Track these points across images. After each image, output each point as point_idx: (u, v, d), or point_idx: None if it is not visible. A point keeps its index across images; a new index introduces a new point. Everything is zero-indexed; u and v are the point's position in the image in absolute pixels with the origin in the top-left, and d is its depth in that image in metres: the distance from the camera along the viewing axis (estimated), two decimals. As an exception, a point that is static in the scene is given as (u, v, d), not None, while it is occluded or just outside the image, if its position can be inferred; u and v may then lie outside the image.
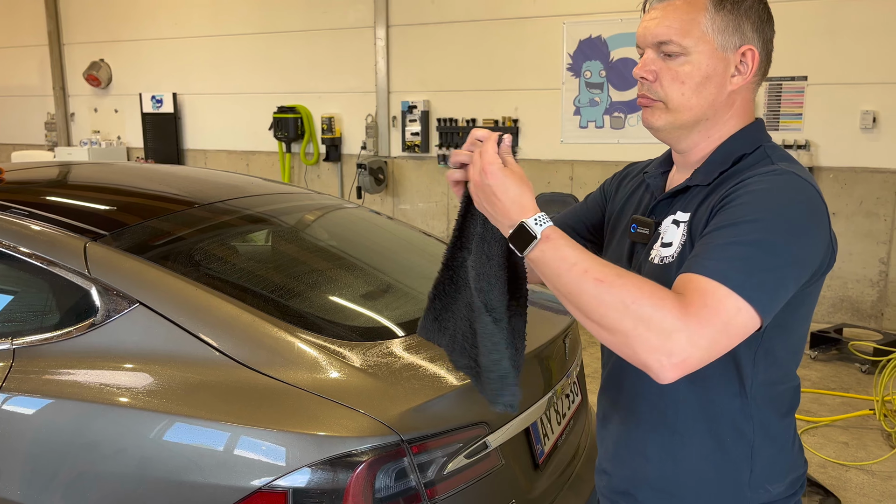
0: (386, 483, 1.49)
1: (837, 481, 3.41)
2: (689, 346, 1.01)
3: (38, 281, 1.81)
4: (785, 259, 1.07)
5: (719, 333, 1.03)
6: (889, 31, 5.47)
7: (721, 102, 1.22)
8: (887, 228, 5.68)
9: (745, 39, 1.19)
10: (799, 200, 1.11)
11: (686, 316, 1.02)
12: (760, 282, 1.05)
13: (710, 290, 1.04)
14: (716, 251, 1.07)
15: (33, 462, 1.65)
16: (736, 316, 1.03)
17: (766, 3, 1.24)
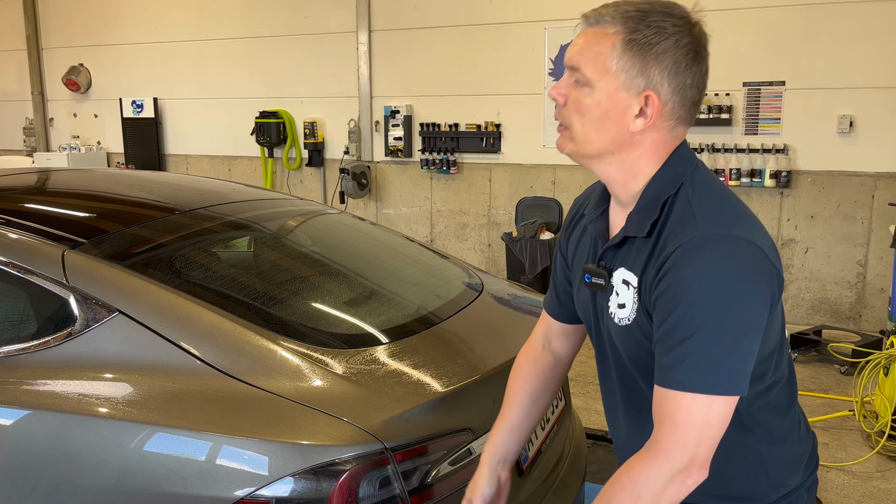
0: (370, 491, 1.49)
1: (819, 482, 3.44)
2: (686, 459, 1.11)
3: (15, 290, 1.79)
4: (739, 334, 1.11)
5: (702, 433, 1.11)
6: (865, 37, 5.56)
7: (624, 142, 1.18)
8: (864, 231, 5.76)
9: (650, 84, 1.14)
10: (723, 267, 1.10)
11: (664, 455, 1.11)
12: (721, 370, 1.10)
13: (674, 407, 1.11)
14: (676, 360, 1.11)
15: (11, 475, 1.63)
16: (709, 411, 1.10)
17: (694, 48, 1.16)
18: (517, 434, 1.49)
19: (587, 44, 1.17)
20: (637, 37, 1.13)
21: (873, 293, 5.79)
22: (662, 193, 1.19)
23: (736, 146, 6.01)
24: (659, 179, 1.19)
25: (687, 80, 1.15)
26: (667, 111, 1.16)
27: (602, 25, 1.16)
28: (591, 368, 5.01)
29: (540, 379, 1.51)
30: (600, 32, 1.16)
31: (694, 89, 1.17)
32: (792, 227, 5.98)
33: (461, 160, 7.10)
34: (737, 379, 1.11)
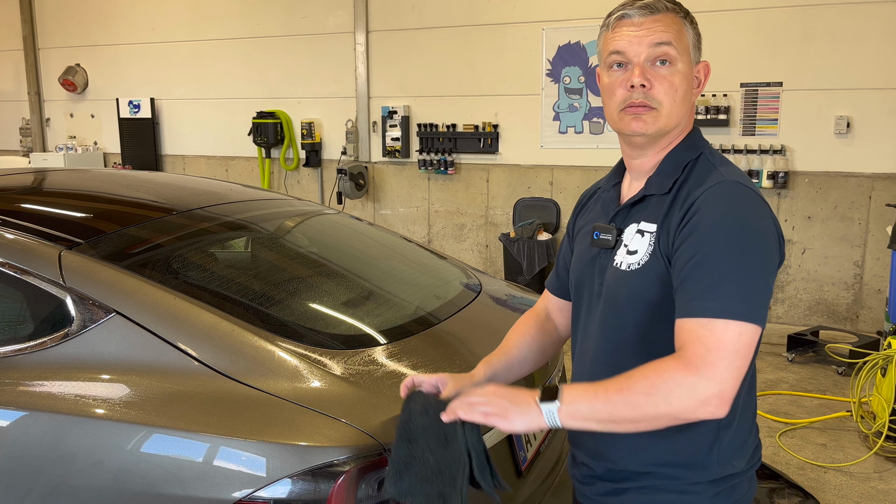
0: (368, 493, 1.48)
1: (816, 483, 3.45)
2: (715, 385, 1.14)
3: (12, 290, 1.78)
4: (760, 269, 1.20)
5: (733, 361, 1.15)
6: (863, 38, 5.57)
7: (690, 111, 1.37)
8: (862, 232, 5.77)
9: (700, 55, 1.38)
10: (748, 210, 1.24)
11: (694, 368, 1.15)
12: (749, 300, 1.17)
13: (705, 333, 1.16)
14: (707, 290, 1.18)
15: (7, 476, 1.62)
16: (739, 339, 1.16)
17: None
18: (509, 370, 1.54)
19: (664, 24, 1.31)
20: (690, 18, 1.36)
21: (870, 294, 5.80)
22: (684, 158, 1.35)
23: (733, 147, 6.02)
24: (684, 145, 1.37)
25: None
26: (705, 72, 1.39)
27: (664, 13, 1.32)
28: (589, 369, 5.00)
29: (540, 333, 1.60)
30: (669, 17, 1.32)
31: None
32: (789, 227, 5.99)
33: (459, 161, 7.09)
34: (763, 311, 1.19)
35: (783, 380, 4.80)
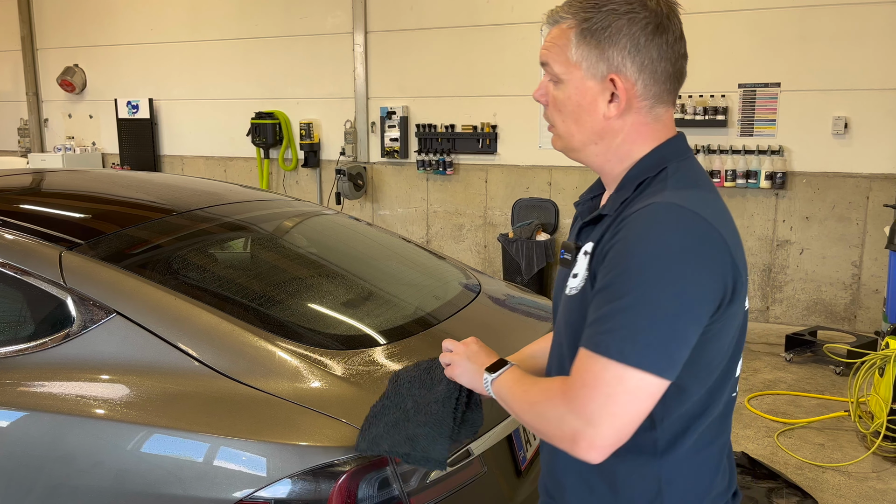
0: (369, 493, 1.48)
1: (814, 483, 3.46)
2: (583, 424, 1.03)
3: (12, 291, 1.78)
4: (671, 312, 1.02)
5: (606, 405, 1.02)
6: (860, 38, 5.58)
7: (604, 129, 1.17)
8: (859, 232, 5.78)
9: (612, 67, 1.13)
10: (670, 237, 1.04)
11: (567, 399, 1.05)
12: (646, 343, 1.01)
13: (587, 365, 1.05)
14: (599, 320, 1.05)
15: (7, 476, 1.62)
16: (619, 384, 1.01)
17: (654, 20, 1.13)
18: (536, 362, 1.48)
19: (550, 41, 1.19)
20: (589, 24, 1.13)
21: (868, 294, 5.81)
22: (642, 175, 1.17)
23: (731, 147, 6.03)
24: (643, 162, 1.18)
25: (652, 54, 1.13)
26: (639, 90, 1.15)
27: (560, 22, 1.17)
28: (588, 369, 5.01)
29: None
30: (559, 29, 1.18)
31: (664, 62, 1.14)
32: (787, 228, 6.00)
33: (457, 161, 7.10)
34: (657, 357, 1.01)
35: (781, 380, 4.81)
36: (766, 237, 6.07)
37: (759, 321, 6.19)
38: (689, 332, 1.05)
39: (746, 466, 3.60)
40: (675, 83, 1.17)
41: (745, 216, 6.11)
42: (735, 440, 3.91)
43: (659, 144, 1.18)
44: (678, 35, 1.15)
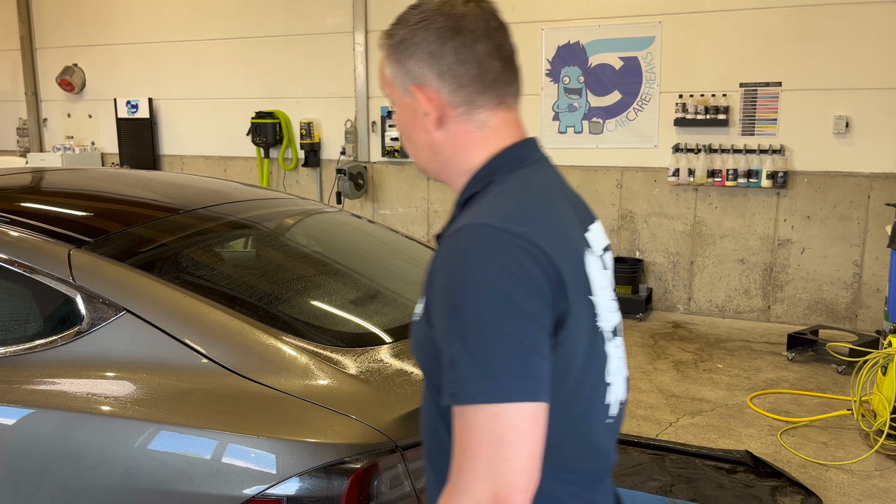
0: (380, 490, 1.48)
1: (818, 481, 3.46)
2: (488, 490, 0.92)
3: (22, 289, 1.78)
4: (510, 333, 0.94)
5: (495, 453, 0.92)
6: (861, 38, 5.59)
7: (433, 145, 1.13)
8: (860, 231, 5.79)
9: (414, 79, 1.10)
10: (486, 265, 0.96)
11: (455, 489, 0.94)
12: (502, 372, 0.93)
13: (459, 425, 0.95)
14: (448, 368, 0.96)
15: (17, 473, 1.62)
16: (497, 423, 0.92)
17: (450, 24, 1.08)
18: None
19: (380, 68, 1.17)
20: (392, 41, 1.11)
21: (869, 293, 5.82)
22: (469, 191, 1.12)
23: (733, 147, 6.03)
24: (475, 177, 1.12)
25: (449, 58, 1.08)
26: (446, 99, 1.09)
27: (382, 47, 1.15)
28: (590, 368, 5.01)
29: None
30: (382, 53, 1.15)
31: (467, 65, 1.08)
32: (788, 227, 6.01)
33: (458, 161, 7.09)
34: (516, 381, 0.93)
35: (783, 379, 4.81)
36: (768, 236, 6.08)
37: (761, 320, 6.20)
38: (536, 340, 0.95)
39: (750, 465, 3.60)
40: (485, 85, 1.09)
41: (747, 215, 6.12)
42: (738, 439, 3.91)
43: (493, 155, 1.12)
44: (480, 34, 1.09)
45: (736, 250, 6.20)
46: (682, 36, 6.07)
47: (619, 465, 3.60)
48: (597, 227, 1.19)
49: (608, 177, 6.54)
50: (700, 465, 3.62)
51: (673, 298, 6.49)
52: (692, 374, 4.92)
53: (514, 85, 1.13)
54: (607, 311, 1.11)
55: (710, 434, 3.97)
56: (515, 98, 1.15)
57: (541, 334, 0.96)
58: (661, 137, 6.29)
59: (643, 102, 6.32)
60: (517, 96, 1.15)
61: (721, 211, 6.20)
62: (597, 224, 1.20)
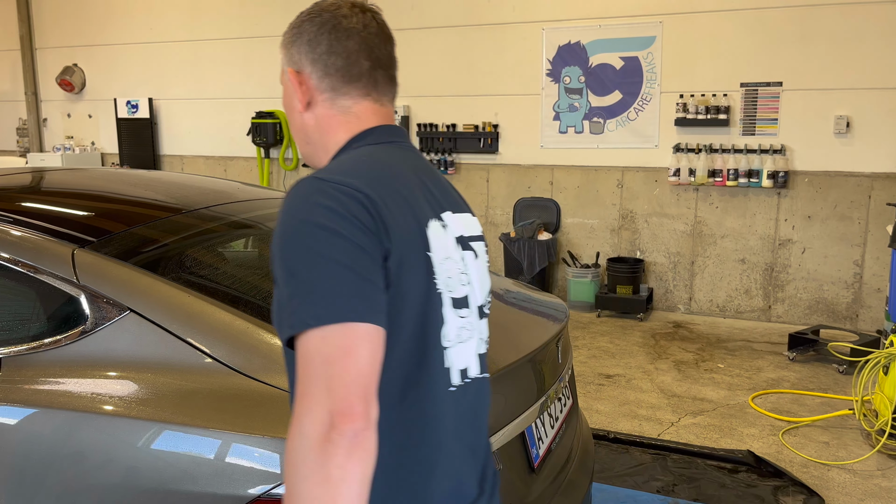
0: (386, 490, 1.48)
1: (820, 481, 3.46)
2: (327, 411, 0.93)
3: (25, 289, 1.77)
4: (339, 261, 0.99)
5: (327, 372, 0.95)
6: (862, 38, 5.59)
7: (303, 125, 1.24)
8: (861, 231, 5.79)
9: (293, 63, 1.23)
10: (311, 202, 1.03)
11: (297, 418, 0.95)
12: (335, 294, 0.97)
13: (297, 357, 0.98)
14: (284, 302, 1.00)
15: (20, 473, 1.61)
16: (325, 343, 0.96)
17: (328, 21, 1.21)
18: None
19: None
20: (286, 32, 1.26)
21: (870, 293, 5.82)
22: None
23: (733, 146, 6.04)
24: (335, 155, 1.22)
25: (322, 48, 1.21)
26: (315, 83, 1.22)
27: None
28: (591, 368, 5.01)
29: None
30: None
31: (335, 56, 1.20)
32: (789, 227, 6.01)
33: (459, 160, 7.10)
34: (345, 302, 0.97)
35: (784, 378, 4.81)
36: (769, 236, 6.08)
37: (762, 320, 6.20)
38: (369, 273, 1.00)
39: (752, 465, 3.60)
40: (350, 77, 1.21)
41: (748, 215, 6.12)
42: (740, 438, 3.91)
43: (354, 135, 1.22)
44: (355, 33, 1.20)
45: (737, 250, 6.20)
46: (683, 36, 6.08)
47: (621, 465, 3.60)
48: (464, 217, 1.26)
49: (609, 177, 6.54)
50: (702, 464, 3.62)
51: (674, 298, 6.49)
52: (693, 374, 4.92)
53: (386, 88, 1.25)
54: (459, 282, 1.16)
55: (711, 434, 3.97)
56: (389, 100, 1.26)
57: (371, 263, 1.01)
58: (661, 137, 6.29)
59: (644, 102, 6.32)
60: (391, 100, 1.27)
61: (722, 211, 6.20)
62: (466, 215, 1.27)
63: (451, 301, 1.15)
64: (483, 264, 1.27)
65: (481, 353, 1.24)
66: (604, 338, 5.74)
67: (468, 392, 1.20)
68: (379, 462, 1.03)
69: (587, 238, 6.71)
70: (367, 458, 0.95)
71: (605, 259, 6.51)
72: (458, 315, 1.16)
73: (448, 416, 1.16)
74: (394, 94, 1.28)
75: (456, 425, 1.18)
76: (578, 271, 6.50)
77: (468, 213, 1.29)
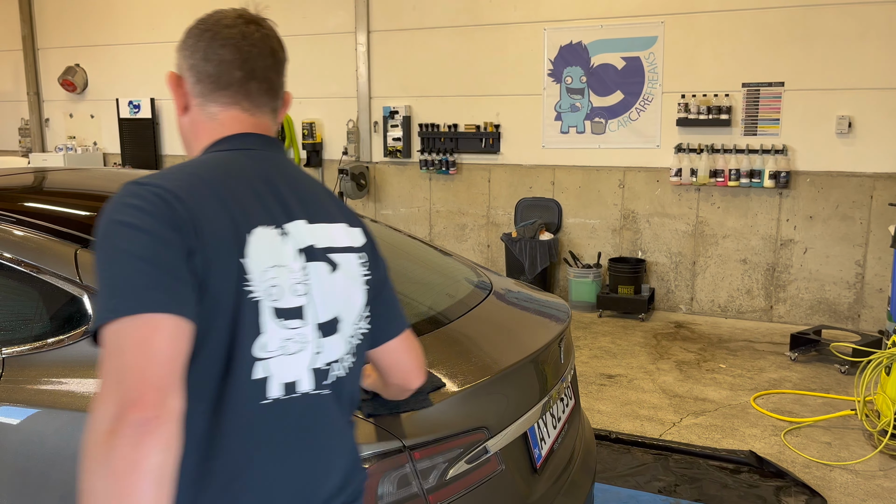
0: (388, 490, 1.48)
1: (822, 481, 3.46)
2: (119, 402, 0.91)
3: (28, 289, 1.77)
4: (139, 255, 0.99)
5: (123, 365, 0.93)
6: (864, 38, 5.59)
7: (182, 128, 1.30)
8: (863, 231, 5.78)
9: (176, 67, 1.29)
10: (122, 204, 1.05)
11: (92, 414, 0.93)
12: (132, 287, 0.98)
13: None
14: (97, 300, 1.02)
15: (23, 473, 1.61)
16: (122, 336, 0.95)
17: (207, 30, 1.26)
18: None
19: None
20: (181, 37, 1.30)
21: (872, 293, 5.82)
22: None
23: (735, 147, 6.03)
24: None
25: (198, 55, 1.25)
26: (189, 88, 1.26)
27: None
28: (592, 368, 5.01)
29: None
30: None
31: (208, 64, 1.23)
32: (791, 227, 6.00)
33: (460, 161, 7.10)
34: (141, 294, 0.97)
35: (786, 379, 4.81)
36: (770, 236, 6.08)
37: (763, 320, 6.20)
38: (171, 266, 1.00)
39: (754, 465, 3.60)
40: (219, 85, 1.23)
41: (749, 215, 6.12)
42: (742, 439, 3.91)
43: (214, 141, 1.24)
44: (231, 45, 1.23)
45: (738, 250, 6.20)
46: (685, 36, 6.07)
47: (623, 466, 3.60)
48: (331, 227, 1.23)
49: (610, 177, 6.54)
50: (704, 465, 3.62)
51: (675, 298, 6.49)
52: (695, 374, 4.91)
53: (262, 99, 1.26)
54: (290, 292, 1.12)
55: (713, 434, 3.97)
56: (265, 111, 1.27)
57: (175, 257, 1.01)
58: (663, 137, 6.29)
59: (645, 102, 6.32)
60: (270, 111, 1.28)
61: (723, 211, 6.20)
62: (335, 226, 1.24)
63: (272, 311, 1.10)
64: (348, 279, 1.22)
65: (317, 367, 1.16)
66: (605, 338, 5.74)
67: (294, 407, 1.13)
68: (184, 469, 1.01)
69: (589, 238, 6.71)
70: (161, 449, 0.90)
71: (607, 259, 6.51)
72: (284, 326, 1.11)
73: (261, 431, 1.10)
74: (274, 106, 1.29)
75: (275, 442, 1.12)
76: (580, 271, 6.50)
77: (342, 224, 1.25)
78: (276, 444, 1.12)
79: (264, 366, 1.10)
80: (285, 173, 1.24)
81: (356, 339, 1.25)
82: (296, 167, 1.30)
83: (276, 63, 1.29)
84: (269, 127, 1.29)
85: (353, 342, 1.24)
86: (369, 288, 1.28)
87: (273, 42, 1.30)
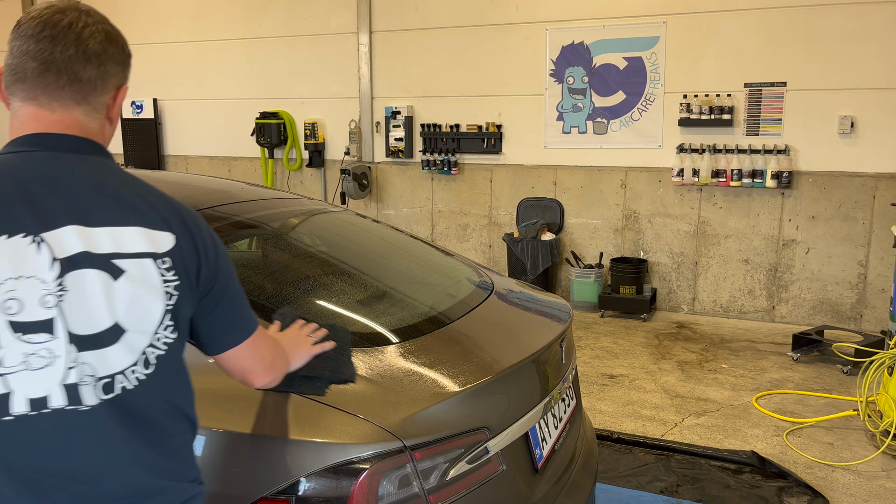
0: (389, 490, 1.48)
1: (824, 482, 3.45)
2: None
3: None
4: None
5: None
6: (866, 38, 5.58)
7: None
8: (865, 231, 5.78)
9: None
10: None
11: None
12: None
13: None
14: None
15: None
16: None
17: (23, 28, 1.20)
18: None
19: None
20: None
21: (874, 293, 5.81)
22: None
23: (737, 147, 6.03)
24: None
25: (9, 47, 1.22)
26: (3, 83, 1.22)
27: None
28: (594, 369, 5.01)
29: None
30: None
31: (13, 57, 1.20)
32: (793, 227, 6.00)
33: (462, 161, 7.10)
34: None
35: (789, 379, 4.80)
36: (772, 236, 6.07)
37: (765, 320, 6.19)
38: None
39: (756, 465, 3.59)
40: (17, 79, 1.19)
41: (751, 215, 6.11)
42: (744, 439, 3.90)
43: (10, 141, 1.21)
44: (29, 37, 1.18)
45: (740, 250, 6.19)
46: (687, 36, 6.07)
47: (625, 466, 3.60)
48: (119, 231, 1.15)
49: (612, 177, 6.54)
50: (706, 465, 3.61)
51: (677, 298, 6.49)
52: (697, 375, 4.91)
53: (60, 92, 1.19)
54: (35, 304, 1.08)
55: (715, 434, 3.97)
56: (65, 105, 1.20)
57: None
58: (665, 138, 6.28)
59: (647, 103, 6.31)
60: (70, 105, 1.20)
61: (725, 211, 6.19)
62: (123, 229, 1.16)
63: (8, 324, 1.06)
64: (137, 286, 1.15)
65: (72, 383, 1.09)
66: (607, 338, 5.74)
67: (42, 424, 1.08)
68: None
69: (590, 238, 6.71)
70: None
71: (609, 259, 6.50)
72: (25, 340, 1.07)
73: (3, 448, 1.07)
74: (76, 99, 1.20)
75: (17, 460, 1.08)
76: (582, 271, 6.50)
77: (137, 228, 1.17)
78: (16, 465, 1.07)
79: (3, 381, 1.06)
80: (71, 175, 1.17)
81: (158, 350, 1.18)
82: (96, 167, 1.22)
83: (85, 54, 1.18)
84: (82, 124, 1.22)
85: (152, 352, 1.17)
86: (178, 295, 1.20)
87: (86, 32, 1.19)
